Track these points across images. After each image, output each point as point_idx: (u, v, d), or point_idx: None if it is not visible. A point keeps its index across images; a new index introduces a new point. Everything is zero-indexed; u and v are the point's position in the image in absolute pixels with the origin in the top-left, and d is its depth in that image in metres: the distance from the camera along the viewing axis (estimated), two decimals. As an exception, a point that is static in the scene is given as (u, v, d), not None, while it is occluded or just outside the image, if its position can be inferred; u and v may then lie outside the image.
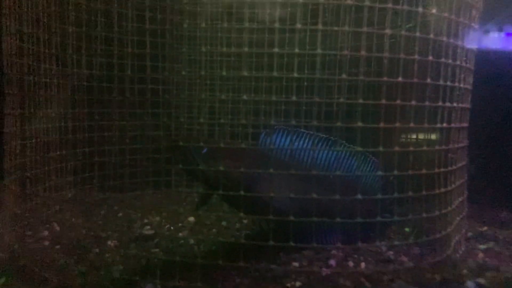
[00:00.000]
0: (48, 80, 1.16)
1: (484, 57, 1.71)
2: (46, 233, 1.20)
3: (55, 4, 1.10)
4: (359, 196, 0.81)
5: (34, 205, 1.25)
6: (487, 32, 1.76)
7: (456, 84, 0.93)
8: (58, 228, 1.26)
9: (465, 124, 1.02)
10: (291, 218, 0.82)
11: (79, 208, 1.41)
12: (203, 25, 0.85)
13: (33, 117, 1.14)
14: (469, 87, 1.03)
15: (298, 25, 0.81)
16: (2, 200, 1.18)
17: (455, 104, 0.92)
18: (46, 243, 1.13)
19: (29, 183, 1.17)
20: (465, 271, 0.80)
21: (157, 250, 1.10)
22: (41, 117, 1.19)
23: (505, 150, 1.70)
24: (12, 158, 1.12)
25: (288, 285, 0.87)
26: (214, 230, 1.27)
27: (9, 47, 1.10)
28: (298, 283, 0.87)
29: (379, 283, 0.74)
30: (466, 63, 0.99)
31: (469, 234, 1.27)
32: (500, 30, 1.77)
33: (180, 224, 1.32)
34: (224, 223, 1.33)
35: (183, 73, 1.39)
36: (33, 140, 1.17)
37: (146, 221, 1.36)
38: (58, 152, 1.29)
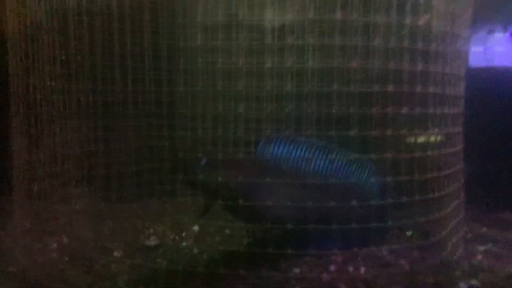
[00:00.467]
0: (54, 97, 1.20)
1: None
2: (54, 245, 1.23)
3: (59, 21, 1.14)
4: (355, 203, 0.84)
5: (43, 218, 1.28)
6: (491, 32, 1.78)
7: (447, 90, 0.95)
8: (66, 240, 1.29)
9: (458, 129, 1.04)
10: (289, 226, 0.84)
11: (87, 219, 1.44)
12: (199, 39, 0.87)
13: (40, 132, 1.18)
14: (461, 92, 1.05)
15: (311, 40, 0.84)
16: (11, 214, 1.21)
17: (446, 111, 0.94)
18: (55, 255, 1.16)
19: (38, 196, 1.21)
20: (458, 273, 0.82)
21: (161, 260, 1.13)
22: (47, 133, 1.23)
23: (507, 151, 1.70)
24: (21, 172, 1.16)
25: (288, 291, 0.89)
26: (217, 238, 1.30)
27: (14, 66, 1.14)
28: (297, 289, 0.90)
29: (375, 287, 0.77)
30: (458, 70, 1.01)
31: (469, 236, 1.29)
32: (505, 29, 1.78)
33: (184, 233, 1.35)
34: (227, 231, 1.36)
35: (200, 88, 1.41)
36: (41, 155, 1.20)
37: (151, 230, 1.39)
38: (65, 166, 1.32)
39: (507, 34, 1.80)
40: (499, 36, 1.81)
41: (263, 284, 0.92)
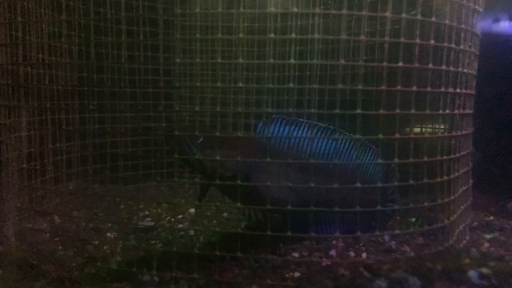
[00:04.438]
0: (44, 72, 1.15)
1: (495, 46, 1.69)
2: (45, 225, 1.19)
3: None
4: (358, 185, 0.79)
5: (34, 197, 1.24)
6: (497, 20, 1.73)
7: (460, 69, 0.90)
8: (58, 221, 1.26)
9: (469, 111, 0.99)
10: (289, 208, 0.80)
11: (81, 200, 1.41)
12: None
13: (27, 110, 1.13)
14: (474, 72, 1.00)
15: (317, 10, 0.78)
16: (1, 193, 1.17)
17: (458, 90, 0.89)
18: (46, 235, 1.13)
19: (28, 175, 1.17)
20: (467, 261, 0.78)
21: (156, 241, 1.09)
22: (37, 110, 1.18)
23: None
24: (11, 150, 1.11)
25: (287, 275, 0.85)
26: (214, 221, 1.26)
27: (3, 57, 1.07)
28: (296, 274, 0.86)
29: (378, 272, 0.73)
30: (471, 47, 0.96)
31: (475, 223, 1.25)
32: (511, 18, 1.74)
33: (180, 216, 1.32)
34: (225, 214, 1.32)
35: (198, 60, 1.34)
36: (32, 132, 1.16)
37: (147, 212, 1.36)
38: (58, 144, 1.28)
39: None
40: (504, 24, 1.77)
41: (260, 268, 0.89)
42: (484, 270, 0.72)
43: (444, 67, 0.84)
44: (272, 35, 0.78)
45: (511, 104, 1.67)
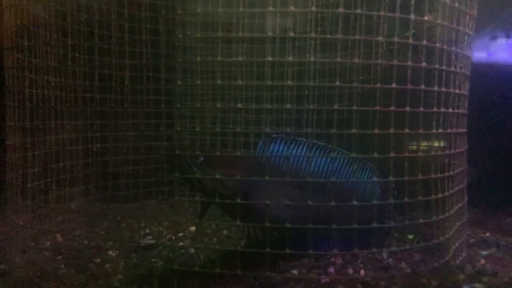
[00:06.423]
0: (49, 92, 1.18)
1: (490, 63, 1.73)
2: (48, 243, 1.21)
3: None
4: (355, 203, 0.81)
5: (37, 216, 1.26)
6: (494, 38, 1.77)
7: (451, 90, 0.93)
8: (60, 239, 1.27)
9: (462, 130, 1.02)
10: (288, 226, 0.82)
11: (82, 219, 1.42)
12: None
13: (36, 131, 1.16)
14: (465, 92, 1.03)
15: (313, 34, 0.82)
16: (4, 212, 1.19)
17: (450, 110, 0.92)
18: (48, 253, 1.14)
19: (31, 195, 1.18)
20: (462, 276, 0.79)
21: (157, 259, 1.10)
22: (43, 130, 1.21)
23: (510, 156, 1.68)
24: (15, 169, 1.14)
25: (286, 292, 0.86)
26: (214, 239, 1.28)
27: (11, 78, 1.11)
28: (295, 291, 0.87)
29: (375, 289, 0.74)
30: (462, 69, 0.99)
31: (472, 240, 1.26)
32: (508, 36, 1.78)
33: (181, 234, 1.33)
34: (225, 232, 1.34)
35: (198, 82, 1.38)
36: (36, 152, 1.18)
37: (147, 231, 1.37)
38: (61, 163, 1.30)
39: (510, 41, 1.79)
40: (501, 42, 1.80)
41: (260, 285, 0.90)
42: (478, 285, 0.74)
43: (436, 88, 0.87)
44: (269, 58, 0.82)
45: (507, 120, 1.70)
